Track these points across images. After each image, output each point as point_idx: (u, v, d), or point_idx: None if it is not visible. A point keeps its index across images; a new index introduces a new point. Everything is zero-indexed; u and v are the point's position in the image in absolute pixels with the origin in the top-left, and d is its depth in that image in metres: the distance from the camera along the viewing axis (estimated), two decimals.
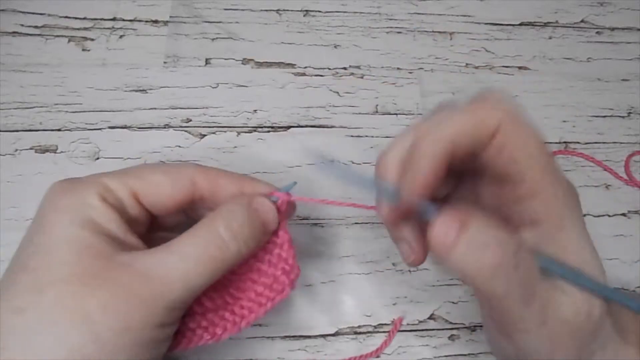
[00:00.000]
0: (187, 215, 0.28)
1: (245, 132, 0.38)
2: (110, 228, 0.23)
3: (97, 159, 0.36)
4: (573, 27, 0.46)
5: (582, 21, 0.46)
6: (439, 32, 0.44)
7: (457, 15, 0.45)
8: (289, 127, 0.39)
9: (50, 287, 0.20)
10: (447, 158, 0.21)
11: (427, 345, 0.32)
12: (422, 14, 0.45)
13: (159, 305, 0.21)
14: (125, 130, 0.37)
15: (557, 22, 0.46)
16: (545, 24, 0.46)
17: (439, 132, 0.21)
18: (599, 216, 0.38)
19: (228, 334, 0.25)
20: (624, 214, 0.38)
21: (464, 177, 0.25)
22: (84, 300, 0.20)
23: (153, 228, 0.27)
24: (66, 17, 0.41)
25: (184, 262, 0.22)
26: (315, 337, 0.32)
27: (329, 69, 0.41)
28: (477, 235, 0.20)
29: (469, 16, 0.45)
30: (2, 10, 0.40)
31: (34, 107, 0.37)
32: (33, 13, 0.40)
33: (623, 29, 0.46)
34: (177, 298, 0.22)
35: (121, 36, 0.40)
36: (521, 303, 0.20)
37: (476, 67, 0.43)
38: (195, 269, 0.22)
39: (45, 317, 0.20)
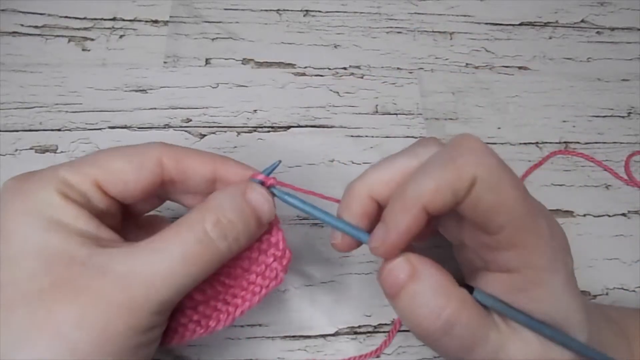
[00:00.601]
0: (161, 199, 0.26)
1: (245, 132, 0.38)
2: (79, 226, 0.21)
3: None
4: (573, 27, 0.46)
5: (582, 21, 0.46)
6: (439, 32, 0.44)
7: (457, 15, 0.45)
8: (289, 127, 0.39)
9: (19, 304, 0.19)
10: (423, 215, 0.21)
11: (426, 345, 0.32)
12: (422, 14, 0.45)
13: (143, 311, 0.20)
14: (125, 130, 0.37)
15: (557, 22, 0.46)
16: (545, 24, 0.46)
17: (415, 192, 0.20)
18: (599, 216, 0.38)
19: (222, 324, 0.24)
20: (624, 214, 0.38)
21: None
22: (56, 316, 0.19)
23: (129, 216, 0.25)
24: (66, 17, 0.41)
25: (168, 261, 0.20)
26: (315, 337, 0.32)
27: (329, 69, 0.41)
28: (420, 291, 0.21)
29: (469, 16, 0.45)
30: (2, 10, 0.40)
31: (34, 107, 0.37)
32: (33, 13, 0.40)
33: (623, 29, 0.46)
34: (162, 301, 0.20)
35: (121, 36, 0.40)
36: (461, 352, 0.21)
37: (476, 67, 0.43)
38: (181, 269, 0.20)
39: (18, 336, 0.19)
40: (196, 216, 0.21)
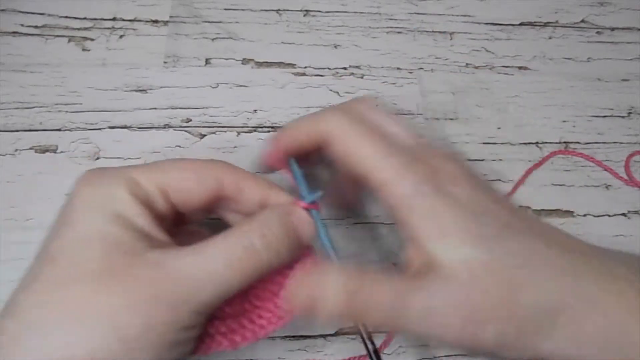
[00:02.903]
0: (209, 212, 0.28)
1: (245, 132, 0.38)
2: (139, 223, 0.22)
3: (97, 159, 0.36)
4: (573, 27, 0.46)
5: (582, 21, 0.46)
6: (439, 32, 0.44)
7: (457, 15, 0.45)
8: None
9: (75, 283, 0.20)
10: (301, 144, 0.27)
11: (427, 345, 0.32)
12: (422, 14, 0.45)
13: (186, 308, 0.21)
14: (125, 130, 0.37)
15: (557, 22, 0.46)
16: (545, 24, 0.46)
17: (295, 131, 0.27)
18: (599, 216, 0.38)
19: (246, 342, 0.25)
20: (624, 214, 0.38)
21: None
22: (110, 298, 0.20)
23: (178, 223, 0.26)
24: (66, 17, 0.41)
25: (214, 264, 0.22)
26: (315, 337, 0.32)
27: (329, 69, 0.41)
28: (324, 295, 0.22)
29: (469, 16, 0.45)
30: (2, 10, 0.40)
31: (34, 107, 0.37)
32: (33, 13, 0.40)
33: (623, 29, 0.46)
34: (204, 301, 0.21)
35: (121, 36, 0.40)
36: (389, 325, 0.23)
37: (476, 67, 0.43)
38: (225, 273, 0.22)
39: (68, 313, 0.20)
40: (245, 227, 0.23)
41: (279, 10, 0.43)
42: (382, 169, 0.23)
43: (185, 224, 0.27)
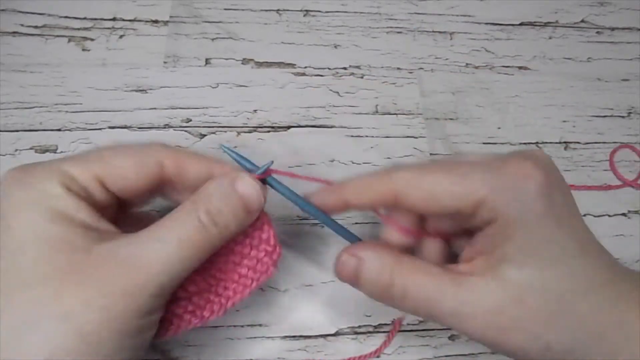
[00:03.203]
0: (153, 196, 0.27)
1: (245, 132, 0.38)
2: (81, 217, 0.21)
3: None
4: (573, 27, 0.46)
5: (582, 21, 0.46)
6: (439, 32, 0.44)
7: (457, 15, 0.45)
8: (289, 127, 0.39)
9: (21, 290, 0.20)
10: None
11: (427, 345, 0.32)
12: (422, 14, 0.45)
13: (143, 294, 0.21)
14: (125, 130, 0.37)
15: (557, 22, 0.46)
16: (545, 24, 0.46)
17: (362, 189, 0.25)
18: (599, 216, 0.38)
19: (215, 315, 0.25)
20: (624, 214, 0.38)
21: None
22: (64, 299, 0.20)
23: (123, 209, 0.26)
24: (66, 17, 0.41)
25: (166, 247, 0.21)
26: (315, 337, 0.32)
27: (329, 69, 0.41)
28: (368, 273, 0.24)
29: (469, 16, 0.45)
30: (2, 10, 0.40)
31: (34, 107, 0.37)
32: (33, 13, 0.40)
33: (623, 29, 0.46)
34: (161, 284, 0.21)
35: (121, 36, 0.40)
36: (423, 311, 0.23)
37: (476, 67, 0.43)
38: (178, 254, 0.22)
39: (24, 319, 0.19)
40: (190, 205, 0.23)
41: (279, 10, 0.43)
42: (471, 191, 0.22)
43: (130, 209, 0.27)
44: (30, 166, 0.23)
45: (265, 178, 0.26)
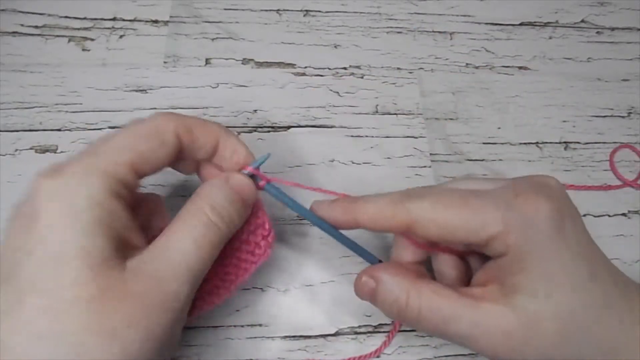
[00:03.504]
0: None
1: (245, 132, 0.38)
2: (119, 227, 0.22)
3: None
4: (573, 27, 0.46)
5: (582, 21, 0.46)
6: (439, 32, 0.44)
7: (457, 15, 0.45)
8: (289, 127, 0.39)
9: (69, 310, 0.19)
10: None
11: (427, 345, 0.32)
12: (422, 14, 0.45)
13: (174, 306, 0.22)
14: None
15: (557, 22, 0.46)
16: (546, 24, 0.46)
17: (375, 214, 0.26)
18: (599, 216, 0.38)
19: (222, 299, 0.27)
20: (624, 214, 0.38)
21: None
22: (107, 318, 0.20)
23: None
24: (66, 17, 0.41)
25: (186, 254, 0.22)
26: (315, 337, 0.32)
27: (329, 69, 0.41)
28: (384, 294, 0.25)
29: (469, 16, 0.45)
30: (2, 10, 0.40)
31: (34, 107, 0.37)
32: (33, 13, 0.40)
33: (623, 28, 0.46)
34: (189, 291, 0.22)
35: (121, 36, 0.40)
36: (436, 330, 0.24)
37: (476, 67, 0.43)
38: (197, 256, 0.23)
39: (67, 343, 0.19)
40: (195, 206, 0.24)
41: (279, 10, 0.43)
42: (483, 227, 0.23)
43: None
44: (62, 168, 0.22)
45: (263, 188, 0.28)
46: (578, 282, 0.22)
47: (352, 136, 0.39)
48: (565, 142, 0.41)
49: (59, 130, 0.36)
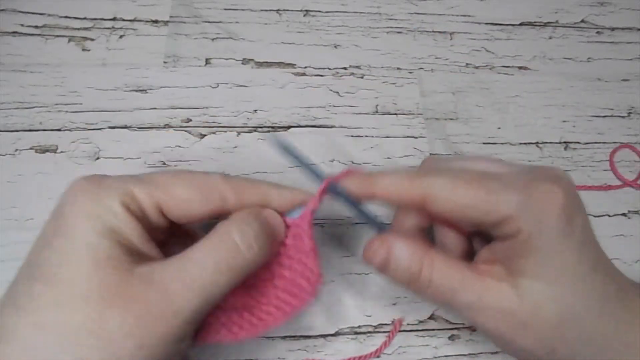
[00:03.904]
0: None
1: (245, 132, 0.38)
2: (131, 238, 0.22)
3: (97, 159, 0.36)
4: (573, 27, 0.46)
5: (582, 21, 0.46)
6: (439, 32, 0.44)
7: (457, 15, 0.45)
8: (289, 127, 0.39)
9: (72, 304, 0.20)
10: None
11: (427, 345, 0.32)
12: (422, 14, 0.45)
13: (178, 321, 0.21)
14: (125, 130, 0.37)
15: (557, 22, 0.46)
16: (546, 24, 0.46)
17: (393, 185, 0.26)
18: (599, 216, 0.38)
19: (245, 334, 0.25)
20: (624, 214, 0.38)
21: None
22: (106, 321, 0.20)
23: (175, 228, 0.26)
24: (66, 17, 0.41)
25: (202, 272, 0.22)
26: (315, 337, 0.32)
27: (329, 69, 0.41)
28: (397, 261, 0.25)
29: (469, 16, 0.45)
30: (2, 10, 0.40)
31: (34, 107, 0.37)
32: (33, 13, 0.40)
33: (623, 28, 0.46)
34: (195, 309, 0.22)
35: (121, 36, 0.40)
36: (443, 299, 0.24)
37: (476, 67, 0.43)
38: (213, 278, 0.22)
39: (67, 336, 0.20)
40: (224, 230, 0.24)
41: (279, 10, 0.43)
42: (497, 209, 0.23)
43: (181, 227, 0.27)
44: (99, 177, 0.23)
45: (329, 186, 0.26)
46: (580, 272, 0.23)
47: (352, 136, 0.39)
48: (565, 142, 0.41)
49: (59, 130, 0.36)
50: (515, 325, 0.23)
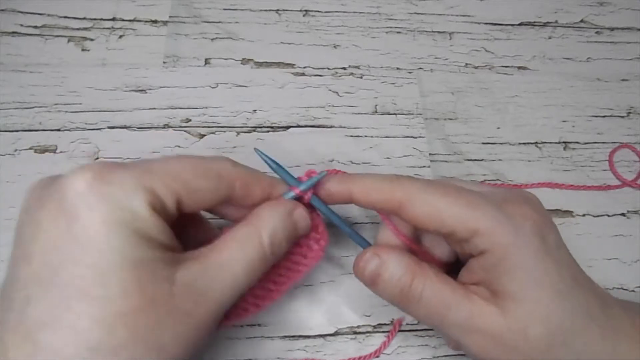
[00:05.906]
0: None
1: (245, 132, 0.38)
2: (163, 241, 0.21)
3: (97, 159, 0.36)
4: (573, 27, 0.46)
5: (581, 21, 0.46)
6: (439, 32, 0.44)
7: (457, 15, 0.45)
8: (288, 127, 0.39)
9: (121, 321, 0.19)
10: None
11: (426, 345, 0.32)
12: (422, 14, 0.45)
13: (214, 321, 0.22)
14: (124, 130, 0.37)
15: (556, 22, 0.46)
16: (545, 24, 0.46)
17: (370, 189, 0.26)
18: (598, 216, 0.38)
19: (271, 302, 0.27)
20: (623, 214, 0.38)
21: None
22: (159, 334, 0.20)
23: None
24: (66, 17, 0.41)
25: (236, 276, 0.23)
26: (315, 337, 0.32)
27: (329, 69, 0.41)
28: (389, 276, 0.25)
29: (469, 16, 0.45)
30: (2, 10, 0.40)
31: (34, 107, 0.37)
32: (33, 13, 0.40)
33: (623, 29, 0.46)
34: (226, 307, 0.23)
35: (121, 36, 0.40)
36: (434, 318, 0.24)
37: (476, 67, 0.43)
38: (243, 281, 0.23)
39: (123, 356, 0.19)
40: (253, 229, 0.24)
41: (278, 10, 0.43)
42: (474, 219, 0.23)
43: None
44: (110, 175, 0.21)
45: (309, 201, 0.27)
46: (563, 289, 0.23)
47: (351, 136, 0.39)
48: (564, 142, 0.41)
49: (59, 130, 0.36)
50: (504, 349, 0.23)
